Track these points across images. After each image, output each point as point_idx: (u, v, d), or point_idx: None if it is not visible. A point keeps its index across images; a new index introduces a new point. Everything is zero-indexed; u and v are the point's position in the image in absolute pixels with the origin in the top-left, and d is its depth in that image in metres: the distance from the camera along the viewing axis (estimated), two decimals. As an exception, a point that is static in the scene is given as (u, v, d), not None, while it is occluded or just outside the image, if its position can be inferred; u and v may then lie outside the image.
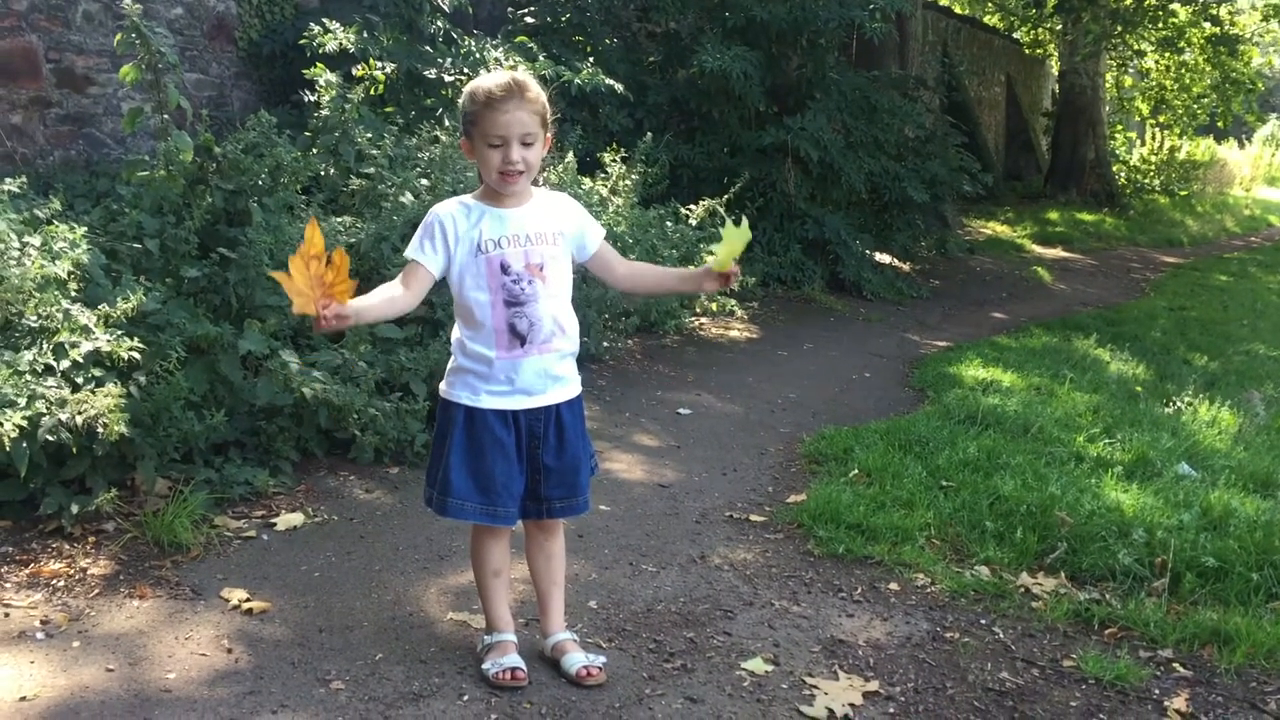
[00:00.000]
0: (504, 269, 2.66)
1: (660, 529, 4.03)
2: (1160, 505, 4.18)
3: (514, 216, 2.71)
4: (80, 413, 3.36)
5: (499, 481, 2.73)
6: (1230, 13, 21.27)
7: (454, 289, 2.74)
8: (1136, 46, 21.22)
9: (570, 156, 7.03)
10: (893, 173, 10.39)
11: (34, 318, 3.61)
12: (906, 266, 11.50)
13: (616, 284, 2.97)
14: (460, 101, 2.74)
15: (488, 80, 2.66)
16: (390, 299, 2.67)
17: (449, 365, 2.81)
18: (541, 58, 7.75)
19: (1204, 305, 11.66)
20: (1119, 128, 25.05)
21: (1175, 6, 19.65)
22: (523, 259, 2.68)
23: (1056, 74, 23.25)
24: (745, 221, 2.69)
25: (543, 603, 2.97)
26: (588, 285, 6.28)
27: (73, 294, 3.77)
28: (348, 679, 2.80)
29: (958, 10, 21.80)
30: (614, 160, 7.59)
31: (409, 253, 2.72)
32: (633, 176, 7.57)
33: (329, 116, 5.90)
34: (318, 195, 5.53)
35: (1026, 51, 22.88)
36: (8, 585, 3.19)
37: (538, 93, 2.67)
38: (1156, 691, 3.00)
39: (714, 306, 7.98)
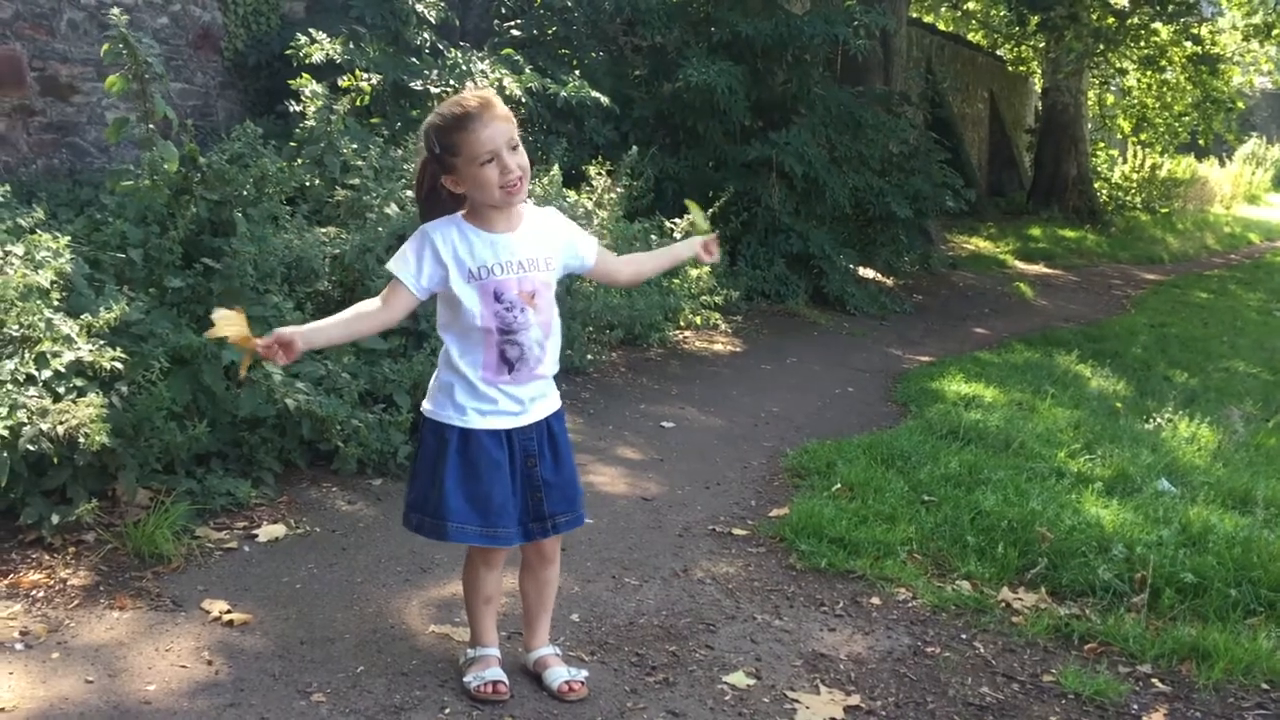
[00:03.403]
0: (498, 296, 2.62)
1: (643, 542, 4.03)
2: (1140, 521, 4.21)
3: (506, 242, 2.65)
4: (61, 423, 3.34)
5: (496, 502, 2.69)
6: (1211, 32, 21.49)
7: (443, 309, 2.70)
8: (1118, 65, 21.40)
9: (555, 169, 7.04)
10: (877, 188, 10.45)
11: (16, 327, 3.59)
12: (890, 281, 11.55)
13: (623, 286, 2.94)
14: (426, 139, 2.63)
15: (449, 107, 2.60)
16: (358, 315, 2.63)
17: (434, 381, 2.77)
18: (527, 70, 7.77)
19: (1184, 322, 11.74)
20: (1101, 145, 25.24)
21: (1157, 26, 19.82)
22: (516, 286, 2.64)
23: (1039, 91, 23.43)
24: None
25: (529, 620, 2.96)
26: (571, 298, 6.29)
27: (55, 303, 3.75)
28: (329, 691, 2.80)
29: (942, 27, 21.97)
30: (599, 173, 7.60)
31: (391, 266, 2.64)
32: (618, 190, 7.58)
33: (314, 127, 5.90)
34: (302, 206, 5.53)
35: (1010, 69, 23.04)
36: (-14, 596, 3.18)
37: (501, 103, 2.63)
38: (1135, 707, 3.02)
39: (698, 320, 8.00)
